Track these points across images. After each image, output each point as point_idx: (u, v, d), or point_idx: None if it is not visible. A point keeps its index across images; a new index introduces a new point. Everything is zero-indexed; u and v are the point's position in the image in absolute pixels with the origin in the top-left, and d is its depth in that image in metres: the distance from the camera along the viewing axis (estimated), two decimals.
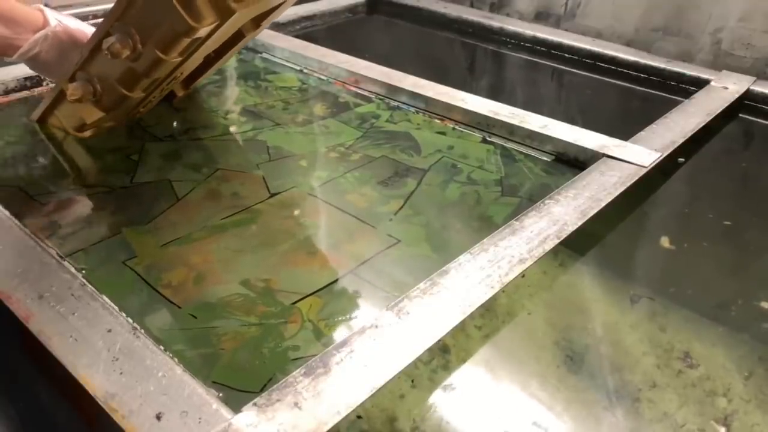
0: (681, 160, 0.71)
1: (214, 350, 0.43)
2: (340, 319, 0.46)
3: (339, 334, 0.44)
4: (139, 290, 0.48)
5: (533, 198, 0.61)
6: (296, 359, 0.42)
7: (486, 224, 0.58)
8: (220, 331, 0.44)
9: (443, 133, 0.75)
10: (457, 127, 0.76)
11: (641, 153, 0.66)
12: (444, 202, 0.61)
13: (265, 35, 0.99)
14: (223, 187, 0.62)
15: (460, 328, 0.43)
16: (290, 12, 1.12)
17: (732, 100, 0.82)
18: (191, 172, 0.64)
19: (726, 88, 0.85)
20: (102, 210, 0.58)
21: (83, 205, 0.59)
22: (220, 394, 0.38)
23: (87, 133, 0.67)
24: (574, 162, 0.69)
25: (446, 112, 0.78)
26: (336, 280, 0.50)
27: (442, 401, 0.41)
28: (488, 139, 0.74)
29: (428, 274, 0.47)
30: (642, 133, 0.71)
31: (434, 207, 0.61)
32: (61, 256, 0.48)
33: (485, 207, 0.61)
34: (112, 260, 0.51)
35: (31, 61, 0.63)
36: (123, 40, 0.52)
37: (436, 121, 0.78)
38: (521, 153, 0.71)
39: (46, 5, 0.64)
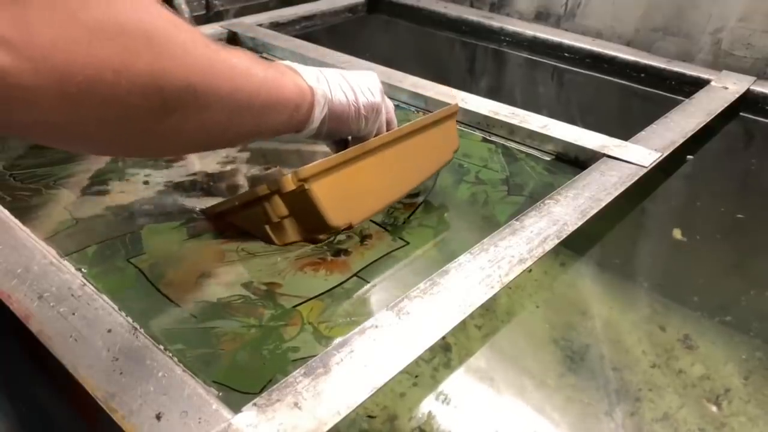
0: (690, 157, 0.71)
1: (213, 350, 0.43)
2: (340, 321, 0.46)
3: (339, 336, 0.44)
4: (139, 287, 0.48)
5: (538, 197, 0.61)
6: (296, 360, 0.42)
7: (496, 225, 0.58)
8: (219, 331, 0.44)
9: None
10: (457, 126, 0.76)
11: (641, 153, 0.66)
12: (456, 203, 0.61)
13: (266, 35, 0.99)
14: None
15: (461, 328, 0.43)
16: (290, 12, 1.12)
17: (732, 100, 0.82)
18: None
19: (726, 88, 0.85)
20: (114, 210, 0.58)
21: (97, 204, 0.59)
22: (220, 393, 0.38)
23: None
24: (574, 162, 0.69)
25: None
26: (339, 284, 0.50)
27: (442, 400, 0.41)
28: (488, 138, 0.74)
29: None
30: (642, 133, 0.71)
31: (447, 207, 0.61)
32: (61, 256, 0.48)
33: (494, 206, 0.61)
34: (116, 257, 0.51)
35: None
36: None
37: None
38: (522, 153, 0.71)
39: None
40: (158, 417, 0.35)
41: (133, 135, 0.34)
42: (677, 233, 0.60)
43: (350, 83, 0.48)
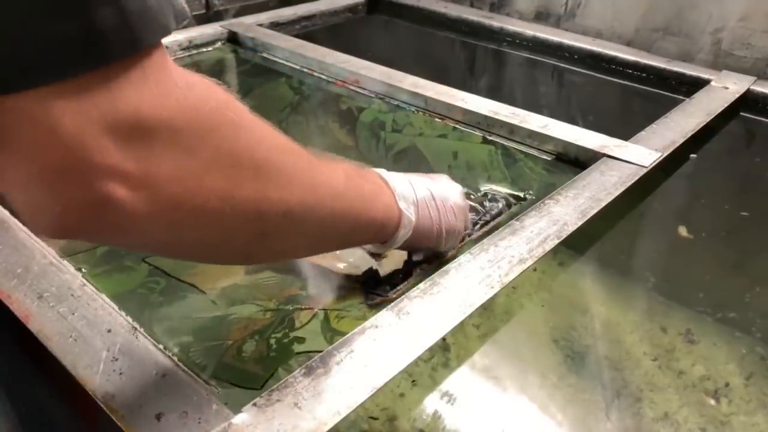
0: (693, 155, 0.71)
1: (222, 342, 0.43)
2: (352, 313, 0.47)
3: (345, 329, 0.45)
4: (155, 284, 0.49)
5: (538, 197, 0.61)
6: (300, 353, 0.42)
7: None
8: (233, 319, 0.45)
9: (444, 136, 0.75)
10: (457, 126, 0.76)
11: (641, 153, 0.66)
12: None
13: (266, 35, 0.99)
14: None
15: (460, 328, 0.43)
16: (290, 12, 1.12)
17: (732, 100, 0.81)
18: None
19: (726, 88, 0.85)
20: None
21: None
22: (219, 392, 0.38)
23: None
24: (574, 162, 0.68)
25: (446, 111, 0.78)
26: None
27: (442, 400, 0.41)
28: (488, 138, 0.74)
29: None
30: (642, 133, 0.71)
31: None
32: (61, 256, 0.48)
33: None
34: (129, 257, 0.52)
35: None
36: None
37: (437, 120, 0.78)
38: (521, 153, 0.71)
39: None
40: (158, 417, 0.34)
41: (226, 254, 0.35)
42: (683, 230, 0.59)
43: (437, 203, 0.49)
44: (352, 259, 0.52)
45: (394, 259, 0.52)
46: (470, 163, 0.70)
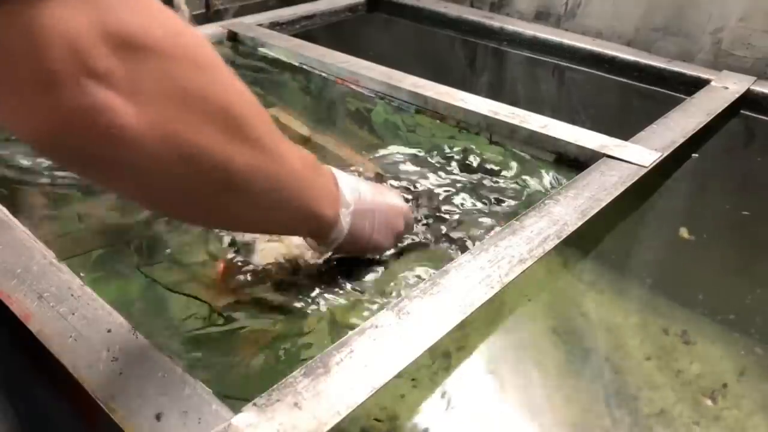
0: (695, 155, 0.71)
1: (229, 359, 0.43)
2: (355, 307, 0.48)
3: (352, 319, 0.46)
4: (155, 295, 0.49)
5: (538, 198, 0.61)
6: (305, 359, 0.43)
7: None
8: (245, 332, 0.45)
9: (453, 137, 0.75)
10: (462, 129, 0.76)
11: (641, 153, 0.66)
12: None
13: (265, 34, 0.99)
14: None
15: (460, 329, 0.43)
16: (290, 11, 1.12)
17: (732, 100, 0.81)
18: None
19: (726, 87, 0.85)
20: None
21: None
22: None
23: None
24: (574, 162, 0.68)
25: (446, 111, 0.78)
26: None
27: (441, 400, 0.41)
28: (492, 140, 0.74)
29: None
30: (642, 133, 0.71)
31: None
32: (59, 259, 0.48)
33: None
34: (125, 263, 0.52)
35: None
36: None
37: (438, 121, 0.77)
38: (521, 153, 0.71)
39: None
40: (158, 417, 0.35)
41: (194, 205, 0.36)
42: (684, 232, 0.59)
43: (375, 217, 0.50)
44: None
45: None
46: (486, 160, 0.70)
